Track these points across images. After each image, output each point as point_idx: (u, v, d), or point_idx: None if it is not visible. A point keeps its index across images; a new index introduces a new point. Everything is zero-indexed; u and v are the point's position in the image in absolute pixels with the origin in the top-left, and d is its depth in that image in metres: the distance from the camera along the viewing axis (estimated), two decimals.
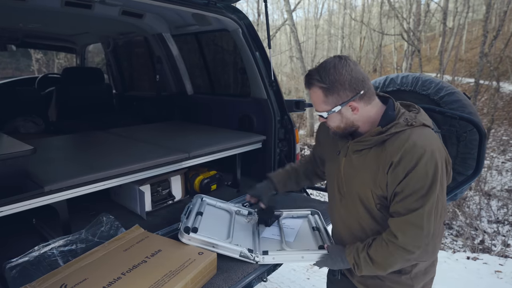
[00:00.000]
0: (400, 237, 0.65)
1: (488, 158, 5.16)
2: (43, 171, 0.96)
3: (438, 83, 1.14)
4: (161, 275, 0.77)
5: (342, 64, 0.66)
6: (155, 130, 1.69)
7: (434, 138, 0.67)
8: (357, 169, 0.72)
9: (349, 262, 0.74)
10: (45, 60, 5.54)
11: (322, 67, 0.68)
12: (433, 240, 0.65)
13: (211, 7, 1.31)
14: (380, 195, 0.69)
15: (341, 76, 0.66)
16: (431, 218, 0.63)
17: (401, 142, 0.64)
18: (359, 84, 0.67)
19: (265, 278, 0.93)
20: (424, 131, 0.67)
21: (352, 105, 0.68)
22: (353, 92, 0.67)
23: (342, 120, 0.70)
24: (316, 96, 0.69)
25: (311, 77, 0.69)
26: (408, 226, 0.64)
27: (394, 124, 0.67)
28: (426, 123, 0.68)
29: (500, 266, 1.96)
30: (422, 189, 0.63)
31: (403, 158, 0.63)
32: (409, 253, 0.65)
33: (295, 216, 1.16)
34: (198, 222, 0.99)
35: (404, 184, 0.64)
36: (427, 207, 0.63)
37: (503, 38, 7.99)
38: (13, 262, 0.79)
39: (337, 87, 0.66)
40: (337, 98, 0.67)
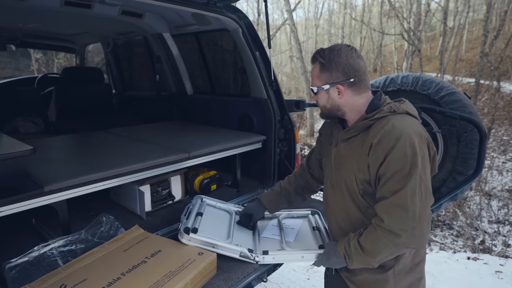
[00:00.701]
0: (386, 219, 0.66)
1: (488, 158, 5.15)
2: (43, 171, 0.96)
3: (439, 83, 1.14)
4: (160, 275, 0.77)
5: (346, 50, 0.72)
6: (155, 130, 1.69)
7: (415, 124, 0.70)
8: (344, 156, 0.75)
9: (339, 252, 0.74)
10: (44, 60, 5.54)
11: (330, 47, 0.74)
12: (420, 224, 0.65)
13: (211, 6, 1.31)
14: (363, 179, 0.71)
15: (339, 58, 0.71)
16: (414, 199, 0.64)
17: (381, 126, 0.68)
18: (352, 71, 0.71)
19: (265, 279, 0.93)
20: (405, 118, 0.70)
21: (339, 88, 0.72)
22: (344, 77, 0.72)
23: (328, 100, 0.75)
24: (314, 70, 0.75)
25: (317, 52, 0.75)
26: (393, 208, 0.66)
27: (378, 110, 0.71)
28: (410, 112, 0.71)
29: (500, 266, 1.96)
30: (403, 169, 0.65)
31: (382, 140, 0.67)
32: (396, 236, 0.65)
33: (295, 216, 1.17)
34: (198, 223, 0.99)
35: (385, 166, 0.66)
36: (409, 187, 0.64)
37: (503, 38, 7.99)
38: (13, 262, 0.79)
39: (332, 66, 0.72)
40: (328, 76, 0.73)
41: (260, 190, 1.50)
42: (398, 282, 0.74)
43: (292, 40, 10.31)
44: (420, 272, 0.78)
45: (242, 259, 0.91)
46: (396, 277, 0.74)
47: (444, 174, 1.16)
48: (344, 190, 0.76)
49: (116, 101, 2.55)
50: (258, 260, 0.90)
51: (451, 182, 1.14)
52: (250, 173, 1.58)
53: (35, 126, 2.07)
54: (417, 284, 0.77)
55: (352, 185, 0.73)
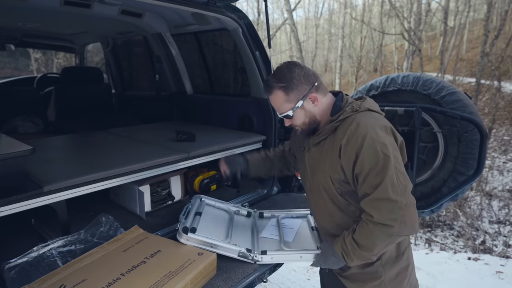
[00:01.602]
0: (375, 214, 0.68)
1: (489, 158, 5.14)
2: (42, 171, 0.96)
3: (439, 82, 1.14)
4: (160, 275, 0.77)
5: (292, 65, 0.75)
6: (154, 130, 1.69)
7: (377, 118, 0.73)
8: (317, 160, 0.78)
9: (337, 252, 0.75)
10: (44, 60, 5.53)
11: (277, 72, 0.76)
12: (408, 211, 0.67)
13: (211, 6, 1.31)
14: (338, 179, 0.74)
15: (295, 74, 0.74)
16: (395, 188, 0.67)
17: (347, 126, 0.71)
18: (312, 77, 0.75)
19: (265, 279, 0.93)
20: (367, 114, 0.73)
21: (311, 96, 0.75)
22: (309, 85, 0.75)
23: (306, 115, 0.76)
24: (278, 98, 0.76)
25: (269, 82, 0.76)
26: (378, 202, 0.68)
27: (341, 112, 0.74)
28: (371, 108, 0.75)
29: (501, 266, 1.96)
30: (377, 164, 0.67)
31: (349, 139, 0.69)
32: (388, 227, 0.67)
33: (294, 216, 1.16)
34: (197, 222, 0.99)
35: (359, 164, 0.69)
36: (387, 179, 0.67)
37: (504, 38, 7.96)
38: (12, 262, 0.79)
39: (295, 83, 0.74)
40: (297, 93, 0.74)
41: (260, 190, 1.50)
42: (387, 272, 0.76)
43: (292, 40, 10.30)
44: (406, 260, 0.80)
45: (240, 259, 0.91)
46: (384, 267, 0.76)
47: (444, 174, 1.16)
48: (322, 192, 0.78)
49: (115, 101, 2.55)
50: (257, 260, 0.90)
51: (452, 182, 1.14)
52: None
53: (34, 126, 2.07)
54: (404, 271, 0.79)
55: (329, 186, 0.75)
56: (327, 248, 0.80)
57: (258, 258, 0.90)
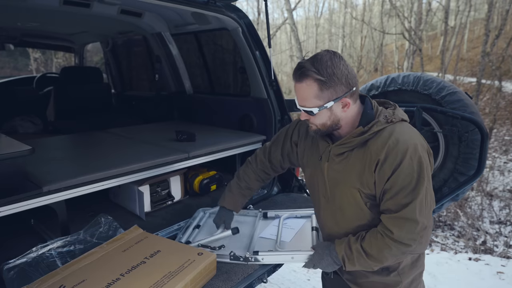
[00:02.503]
0: (396, 231, 0.65)
1: (490, 158, 5.11)
2: (42, 172, 0.96)
3: (440, 82, 1.13)
4: (160, 276, 0.76)
5: (338, 59, 0.66)
6: (154, 130, 1.68)
7: (414, 132, 0.69)
8: (341, 172, 0.71)
9: (338, 254, 0.72)
10: (43, 59, 5.52)
11: (318, 59, 0.65)
12: (427, 232, 0.67)
13: (211, 6, 1.30)
14: (369, 194, 0.70)
15: (339, 70, 0.64)
16: (422, 210, 0.65)
17: (384, 140, 0.65)
18: (353, 80, 0.67)
19: (265, 279, 0.93)
20: (403, 126, 0.69)
21: (344, 101, 0.67)
22: (348, 88, 0.66)
23: (330, 117, 0.69)
24: (309, 90, 0.66)
25: (306, 69, 0.65)
26: (402, 221, 0.65)
27: (375, 122, 0.67)
28: (404, 118, 0.71)
29: (502, 267, 1.95)
30: (410, 184, 0.64)
31: (388, 155, 0.64)
32: (406, 246, 0.66)
33: (298, 216, 1.16)
34: (194, 236, 1.01)
35: (392, 181, 0.65)
36: (418, 201, 0.64)
37: (505, 37, 7.93)
38: (11, 263, 0.79)
39: (335, 81, 0.65)
40: (332, 93, 0.66)
41: (260, 190, 1.50)
42: (403, 280, 0.75)
43: (292, 40, 10.28)
44: (421, 266, 0.79)
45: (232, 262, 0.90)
46: (401, 275, 0.75)
47: (445, 174, 1.15)
48: (345, 205, 0.73)
49: (115, 100, 2.54)
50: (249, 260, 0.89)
51: (453, 182, 1.14)
52: None
53: (34, 126, 2.07)
54: (419, 277, 0.79)
55: (355, 200, 0.71)
56: (323, 248, 0.77)
57: (250, 258, 0.90)
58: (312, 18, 14.84)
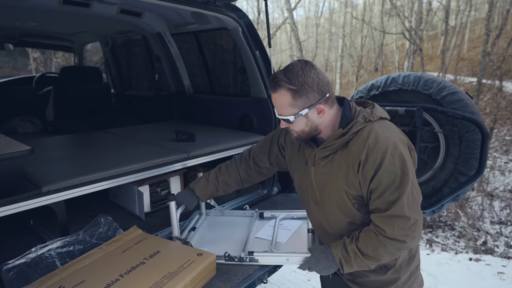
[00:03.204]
0: (388, 230, 0.66)
1: (490, 158, 5.11)
2: (41, 172, 0.95)
3: (440, 82, 1.13)
4: (159, 276, 0.76)
5: (309, 67, 0.68)
6: (154, 130, 1.68)
7: (393, 129, 0.70)
8: (327, 175, 0.73)
9: (334, 257, 0.73)
10: (42, 59, 5.52)
11: (289, 69, 0.68)
12: (418, 226, 0.67)
13: (211, 5, 1.30)
14: (355, 195, 0.71)
15: (309, 79, 0.67)
16: (410, 206, 0.66)
17: (363, 140, 0.67)
18: (326, 86, 0.68)
19: (265, 280, 0.93)
20: (382, 125, 0.69)
21: (318, 107, 0.69)
22: (321, 95, 0.68)
23: (307, 124, 0.71)
24: (283, 99, 0.69)
25: (278, 79, 0.68)
26: (392, 219, 0.66)
27: (354, 123, 0.69)
28: (383, 115, 0.71)
29: (503, 267, 1.95)
30: (394, 181, 0.65)
31: (369, 155, 0.66)
32: (400, 242, 0.67)
33: (295, 217, 1.15)
34: (189, 238, 1.01)
35: (377, 180, 0.66)
36: (404, 197, 0.65)
37: (506, 37, 7.93)
38: (10, 264, 0.79)
39: (306, 89, 0.67)
40: (305, 100, 0.68)
41: (260, 190, 1.49)
42: (401, 276, 0.76)
43: (292, 39, 10.27)
44: (417, 260, 0.80)
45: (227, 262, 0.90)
46: (399, 272, 0.76)
47: (446, 174, 1.15)
48: (334, 208, 0.74)
49: (115, 100, 2.54)
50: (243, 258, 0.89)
51: (453, 182, 1.13)
52: None
53: (33, 126, 2.07)
54: (415, 271, 0.80)
55: (344, 201, 0.72)
56: (319, 252, 0.77)
57: (244, 259, 0.89)
58: (312, 17, 14.84)
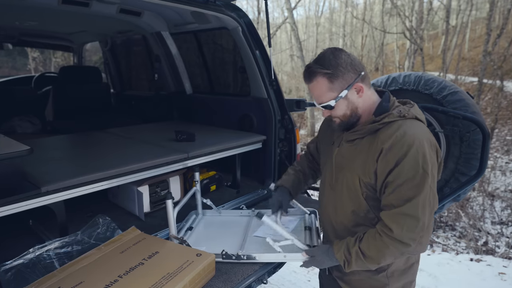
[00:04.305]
0: (395, 229, 0.64)
1: (491, 158, 5.10)
2: (40, 172, 0.95)
3: (441, 82, 1.12)
4: (158, 277, 0.76)
5: (339, 51, 0.70)
6: (153, 130, 1.68)
7: (425, 131, 0.69)
8: (347, 158, 0.73)
9: (338, 260, 0.72)
10: (42, 59, 5.51)
11: (320, 57, 0.70)
12: (427, 232, 0.65)
13: (210, 5, 1.30)
14: (368, 183, 0.70)
15: (341, 60, 0.69)
16: (425, 208, 0.64)
17: (392, 131, 0.66)
18: (359, 65, 0.70)
19: (265, 280, 0.92)
20: (415, 123, 0.69)
21: (357, 86, 0.70)
22: (356, 73, 0.69)
23: (348, 106, 0.71)
24: (320, 86, 0.70)
25: (311, 68, 0.70)
26: (403, 217, 0.64)
27: (387, 114, 0.69)
28: (419, 117, 0.70)
29: (504, 268, 1.94)
30: (414, 177, 0.63)
31: (393, 146, 0.65)
32: (405, 245, 0.65)
33: (292, 215, 1.16)
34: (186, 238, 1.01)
35: (396, 173, 0.64)
36: (421, 197, 0.63)
37: (506, 37, 7.90)
38: (8, 264, 0.78)
39: (341, 70, 0.68)
40: (342, 81, 0.69)
41: (260, 190, 1.49)
42: (392, 284, 0.74)
43: (292, 39, 10.25)
44: (412, 275, 0.78)
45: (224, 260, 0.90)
46: (389, 278, 0.74)
47: (446, 174, 1.14)
48: (344, 192, 0.74)
49: (114, 100, 2.54)
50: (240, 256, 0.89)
51: (454, 182, 1.13)
52: (250, 173, 1.57)
53: (32, 126, 2.07)
54: (408, 286, 0.78)
55: (355, 187, 0.72)
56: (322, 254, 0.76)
57: (242, 256, 0.89)
58: (313, 17, 14.81)
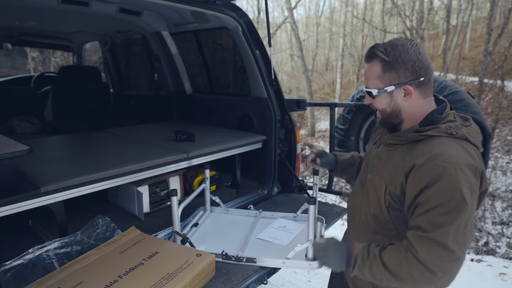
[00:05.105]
0: (422, 253, 0.57)
1: (492, 159, 5.10)
2: (39, 172, 0.95)
3: (442, 82, 1.11)
4: (158, 277, 0.75)
5: (412, 45, 0.63)
6: (153, 130, 1.67)
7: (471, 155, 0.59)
8: (382, 160, 0.69)
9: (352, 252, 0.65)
10: (41, 59, 5.50)
11: (391, 43, 0.64)
12: (456, 265, 0.57)
13: (210, 4, 1.29)
14: (393, 193, 0.64)
15: (407, 55, 0.61)
16: (457, 239, 0.56)
17: (431, 146, 0.59)
18: (423, 70, 0.62)
19: (265, 281, 0.92)
20: (461, 144, 0.60)
21: (407, 89, 0.63)
22: (413, 76, 0.62)
23: (389, 104, 0.65)
24: (373, 70, 0.65)
25: (375, 48, 0.65)
26: (431, 243, 0.56)
27: (433, 127, 0.62)
28: (471, 139, 0.61)
29: (504, 268, 1.94)
30: (449, 203, 0.55)
31: (427, 163, 0.58)
32: (429, 271, 0.57)
33: (299, 220, 1.15)
34: (190, 235, 1.01)
35: (428, 194, 0.57)
36: (454, 226, 0.55)
37: (507, 36, 7.88)
38: (7, 265, 0.78)
39: (399, 64, 0.62)
40: (394, 76, 0.63)
41: (260, 190, 1.49)
42: None
43: (292, 39, 10.24)
44: None
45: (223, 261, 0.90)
46: None
47: None
48: (371, 193, 0.69)
49: (114, 100, 2.53)
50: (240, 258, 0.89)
51: None
52: (250, 173, 1.57)
53: (32, 126, 2.06)
54: None
55: (380, 192, 0.66)
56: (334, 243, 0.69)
57: (241, 258, 0.89)
58: (313, 16, 14.80)
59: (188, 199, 1.02)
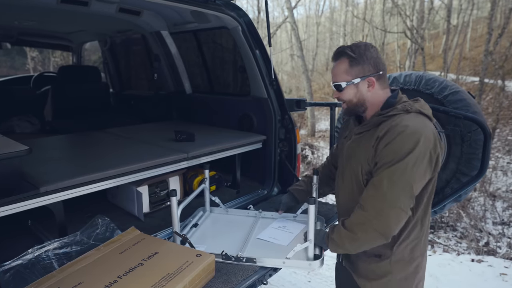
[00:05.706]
0: (363, 195, 0.72)
1: (493, 159, 5.08)
2: (39, 172, 0.95)
3: (442, 81, 1.11)
4: (158, 278, 0.75)
5: (371, 47, 0.77)
6: (153, 130, 1.67)
7: (425, 124, 0.71)
8: (354, 149, 0.79)
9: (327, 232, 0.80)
10: (40, 58, 5.49)
11: (354, 44, 0.77)
12: (388, 210, 0.68)
13: (210, 4, 1.29)
14: (367, 171, 0.75)
15: (369, 53, 0.75)
16: (393, 186, 0.67)
17: (391, 121, 0.71)
18: (381, 65, 0.76)
19: (265, 281, 0.92)
20: (417, 117, 0.71)
21: (370, 80, 0.75)
22: (375, 69, 0.75)
23: (356, 94, 0.77)
24: (341, 66, 0.76)
25: (341, 48, 0.77)
26: (370, 186, 0.71)
27: (392, 108, 0.74)
28: (424, 111, 0.73)
29: (505, 268, 1.93)
30: (394, 159, 0.68)
31: (387, 132, 0.70)
32: (364, 209, 0.71)
33: (299, 220, 1.15)
34: (190, 235, 1.01)
35: (380, 155, 0.70)
36: (388, 172, 0.68)
37: (508, 36, 7.86)
38: (6, 265, 0.78)
39: (364, 60, 0.74)
40: (360, 70, 0.75)
41: (260, 191, 1.48)
42: (396, 273, 0.78)
43: (293, 38, 10.24)
44: (416, 267, 0.80)
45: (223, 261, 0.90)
46: (393, 266, 0.77)
47: (447, 174, 1.14)
48: (352, 181, 0.78)
49: (113, 100, 2.53)
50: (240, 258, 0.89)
51: (455, 183, 1.12)
52: (250, 173, 1.57)
53: (31, 126, 2.06)
54: (412, 277, 0.79)
55: (358, 175, 0.76)
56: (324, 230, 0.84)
57: (241, 259, 0.89)
58: (313, 16, 14.80)
59: (188, 200, 1.02)
